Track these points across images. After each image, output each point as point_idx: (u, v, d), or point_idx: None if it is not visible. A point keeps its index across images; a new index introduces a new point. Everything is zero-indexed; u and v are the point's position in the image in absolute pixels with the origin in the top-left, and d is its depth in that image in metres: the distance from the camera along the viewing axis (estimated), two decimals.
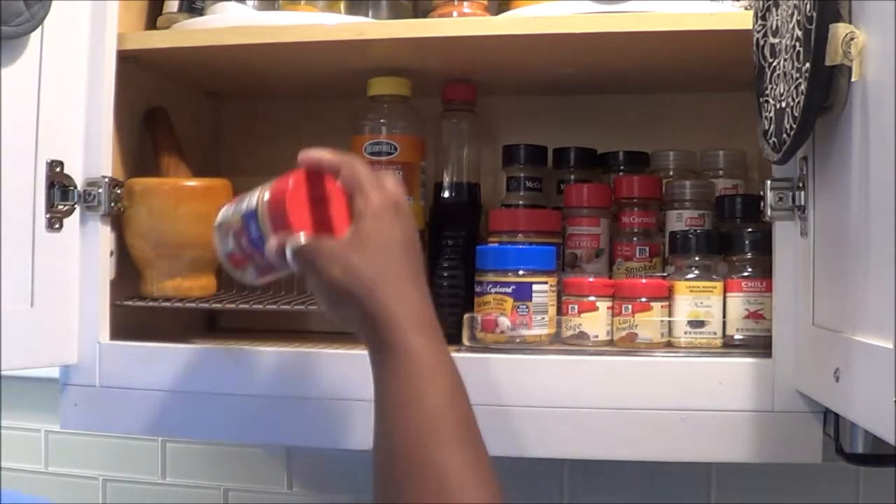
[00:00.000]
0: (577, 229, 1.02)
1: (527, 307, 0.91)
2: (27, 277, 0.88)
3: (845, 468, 0.99)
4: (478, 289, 0.93)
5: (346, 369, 0.90)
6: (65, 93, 0.92)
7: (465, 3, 0.98)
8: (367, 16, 1.01)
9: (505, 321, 0.90)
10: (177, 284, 0.98)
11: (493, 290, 0.92)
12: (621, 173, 1.08)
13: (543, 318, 0.92)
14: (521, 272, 0.91)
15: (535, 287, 0.91)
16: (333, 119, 1.07)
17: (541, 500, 1.20)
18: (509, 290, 0.91)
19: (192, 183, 1.00)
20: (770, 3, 0.77)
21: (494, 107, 1.16)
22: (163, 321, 1.04)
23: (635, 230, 1.02)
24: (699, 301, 0.91)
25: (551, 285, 0.93)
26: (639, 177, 1.06)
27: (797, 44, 0.68)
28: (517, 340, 0.91)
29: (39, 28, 0.87)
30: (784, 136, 0.72)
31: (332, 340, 0.98)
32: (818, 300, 0.76)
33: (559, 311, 0.93)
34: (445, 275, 1.00)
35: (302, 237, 0.74)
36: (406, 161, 1.03)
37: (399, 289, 0.72)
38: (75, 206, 0.93)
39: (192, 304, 0.99)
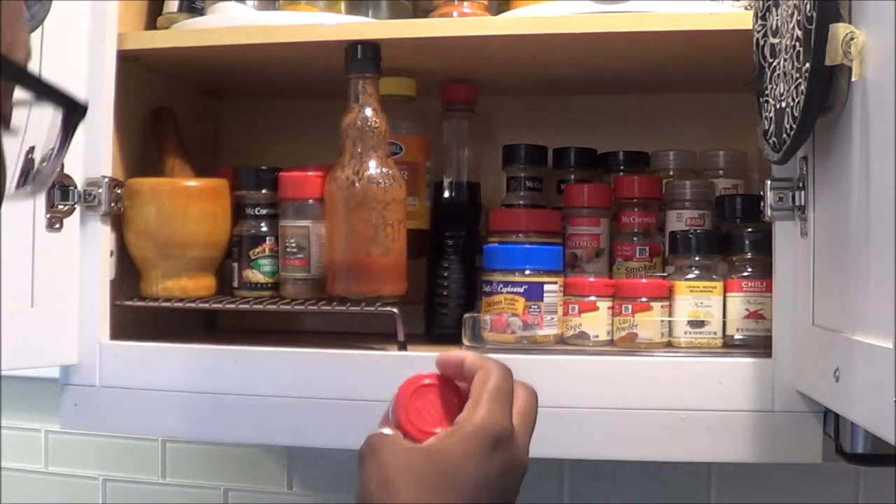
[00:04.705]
0: (577, 229, 1.02)
1: (538, 307, 0.91)
2: (27, 277, 0.88)
3: (845, 468, 0.99)
4: (486, 288, 0.93)
5: (347, 369, 0.90)
6: None
7: (466, 3, 0.98)
8: (367, 16, 1.01)
9: (516, 321, 0.90)
10: (182, 285, 0.98)
11: (504, 290, 0.91)
12: (621, 173, 1.08)
13: (553, 319, 0.91)
14: (527, 272, 0.91)
15: (546, 287, 0.91)
16: (334, 119, 1.07)
17: (541, 500, 1.20)
18: (521, 289, 0.91)
19: (202, 183, 1.01)
20: (770, 3, 0.77)
21: (494, 107, 1.16)
22: (163, 321, 1.04)
23: (635, 230, 1.02)
24: (699, 301, 0.91)
25: (560, 285, 0.93)
26: (639, 177, 1.06)
27: (797, 44, 0.68)
28: (524, 341, 0.90)
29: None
30: (784, 136, 0.72)
31: (332, 340, 0.98)
32: (818, 300, 0.76)
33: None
34: (445, 275, 1.00)
35: (384, 430, 0.62)
36: (412, 161, 1.03)
37: None
38: (75, 206, 0.93)
39: (192, 305, 0.99)
